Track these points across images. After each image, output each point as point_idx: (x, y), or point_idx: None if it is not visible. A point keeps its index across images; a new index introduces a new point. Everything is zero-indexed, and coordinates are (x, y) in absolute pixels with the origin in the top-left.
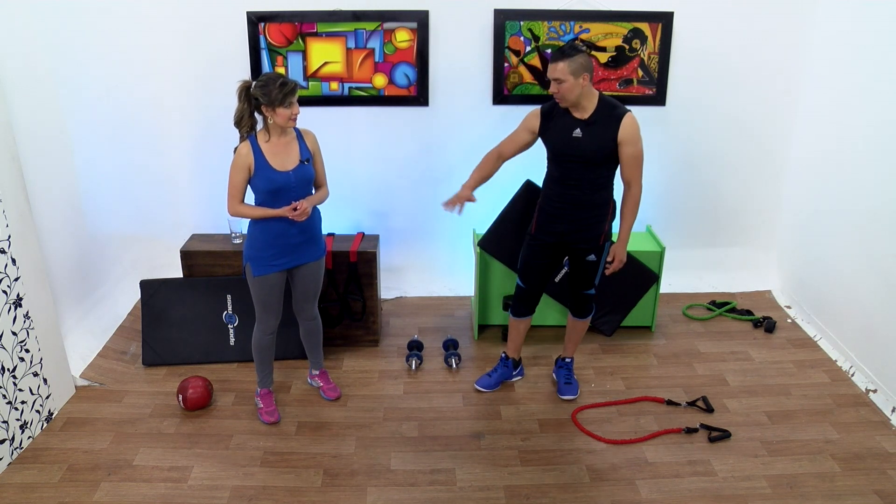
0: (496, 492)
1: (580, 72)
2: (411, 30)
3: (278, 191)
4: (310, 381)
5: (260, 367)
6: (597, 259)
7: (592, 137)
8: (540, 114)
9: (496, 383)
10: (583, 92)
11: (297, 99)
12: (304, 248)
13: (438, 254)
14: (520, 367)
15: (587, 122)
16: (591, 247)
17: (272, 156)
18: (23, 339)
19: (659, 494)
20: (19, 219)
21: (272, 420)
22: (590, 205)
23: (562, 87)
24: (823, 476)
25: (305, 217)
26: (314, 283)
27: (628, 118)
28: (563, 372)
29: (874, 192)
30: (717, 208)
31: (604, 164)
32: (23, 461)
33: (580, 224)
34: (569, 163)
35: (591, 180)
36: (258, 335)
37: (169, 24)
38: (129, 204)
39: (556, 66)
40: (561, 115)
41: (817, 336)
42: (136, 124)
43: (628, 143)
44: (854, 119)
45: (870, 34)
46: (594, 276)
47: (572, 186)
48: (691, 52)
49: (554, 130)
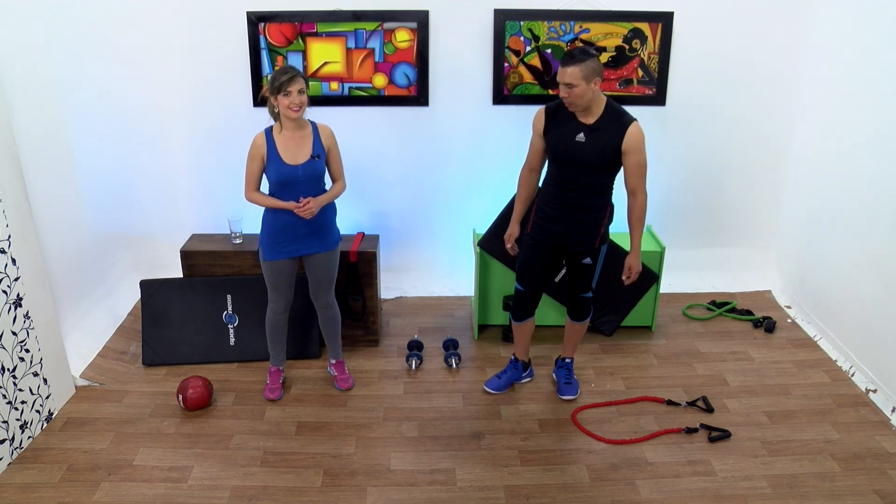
0: (496, 492)
1: (592, 76)
2: (411, 30)
3: (286, 183)
4: (329, 370)
5: (271, 345)
6: (592, 262)
7: (596, 143)
8: (545, 113)
9: (505, 385)
10: (593, 97)
11: (300, 89)
12: (311, 239)
13: (438, 254)
14: (529, 369)
15: (592, 127)
16: (587, 250)
17: (284, 148)
18: (23, 339)
19: (659, 494)
20: (19, 219)
21: (272, 397)
22: (587, 209)
23: (573, 92)
24: (823, 476)
25: (311, 216)
26: (326, 273)
27: (634, 127)
28: (563, 372)
29: (874, 192)
30: (717, 208)
31: (604, 170)
32: (23, 461)
33: (576, 227)
34: (569, 166)
35: (590, 185)
36: (269, 314)
37: (169, 24)
38: (129, 204)
39: (567, 71)
40: (566, 117)
41: (817, 336)
42: (136, 124)
43: (633, 151)
44: (854, 119)
45: (870, 34)
46: (590, 279)
47: (570, 190)
48: (691, 52)
49: (557, 132)
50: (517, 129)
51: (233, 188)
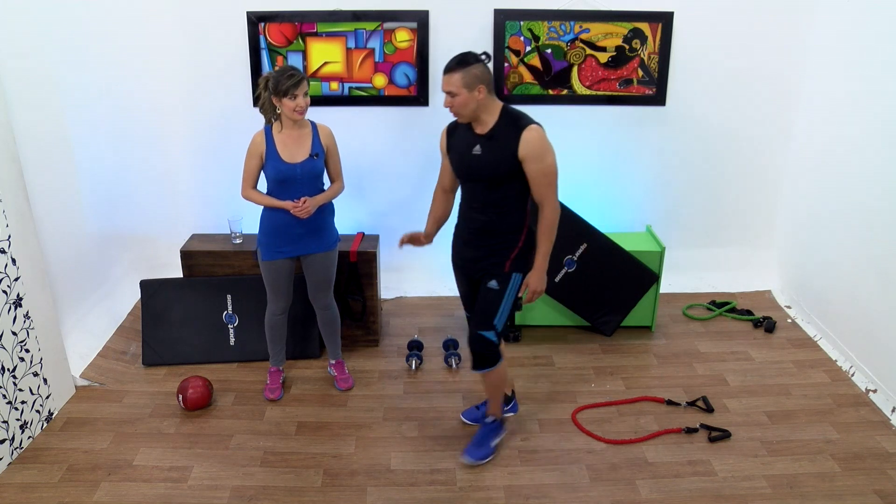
0: (496, 492)
1: (475, 83)
2: (411, 30)
3: (284, 181)
4: (329, 370)
5: (270, 345)
6: (499, 288)
7: (492, 154)
8: (446, 131)
9: (482, 417)
10: (480, 105)
11: (305, 93)
12: (307, 239)
13: (438, 254)
14: (513, 403)
15: (486, 136)
16: (495, 273)
17: (283, 146)
18: (23, 339)
19: (659, 494)
20: (19, 219)
21: (272, 397)
22: (494, 232)
23: (455, 101)
24: (823, 476)
25: (307, 216)
26: (323, 274)
27: (529, 132)
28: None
29: (874, 192)
30: (717, 208)
31: (507, 183)
32: (23, 461)
33: (485, 251)
34: (470, 182)
35: (496, 203)
36: (268, 315)
37: (169, 24)
38: (129, 204)
39: (448, 78)
40: (463, 130)
41: (817, 336)
42: (136, 124)
43: (532, 159)
44: (854, 119)
45: (870, 34)
46: (494, 310)
47: (476, 210)
48: (691, 52)
49: (455, 148)
50: None
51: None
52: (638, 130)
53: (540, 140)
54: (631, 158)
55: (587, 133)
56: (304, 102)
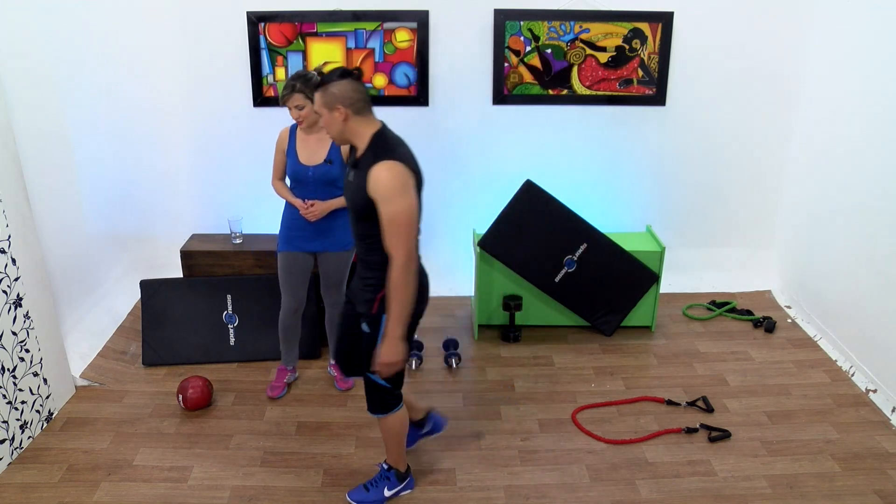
0: (496, 492)
1: (333, 103)
2: (411, 30)
3: (298, 181)
4: (329, 370)
5: (282, 345)
6: (370, 332)
7: (356, 183)
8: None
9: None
10: (346, 128)
11: (297, 105)
12: (317, 238)
13: (438, 254)
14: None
15: (355, 164)
16: (364, 313)
17: (303, 146)
18: (23, 339)
19: (659, 494)
20: (19, 219)
21: (272, 395)
22: (366, 264)
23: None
24: (823, 476)
25: (314, 219)
26: (334, 273)
27: (377, 169)
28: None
29: (874, 192)
30: (717, 208)
31: (372, 219)
32: (23, 461)
33: (362, 283)
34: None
35: (363, 236)
36: (281, 316)
37: (169, 24)
38: (129, 204)
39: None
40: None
41: (817, 336)
42: (135, 124)
43: (378, 200)
44: (854, 119)
45: (870, 34)
46: (368, 354)
47: (356, 236)
48: (691, 52)
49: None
50: (517, 129)
51: (233, 188)
52: (638, 130)
53: (389, 180)
54: (631, 158)
55: (587, 133)
56: (297, 115)
